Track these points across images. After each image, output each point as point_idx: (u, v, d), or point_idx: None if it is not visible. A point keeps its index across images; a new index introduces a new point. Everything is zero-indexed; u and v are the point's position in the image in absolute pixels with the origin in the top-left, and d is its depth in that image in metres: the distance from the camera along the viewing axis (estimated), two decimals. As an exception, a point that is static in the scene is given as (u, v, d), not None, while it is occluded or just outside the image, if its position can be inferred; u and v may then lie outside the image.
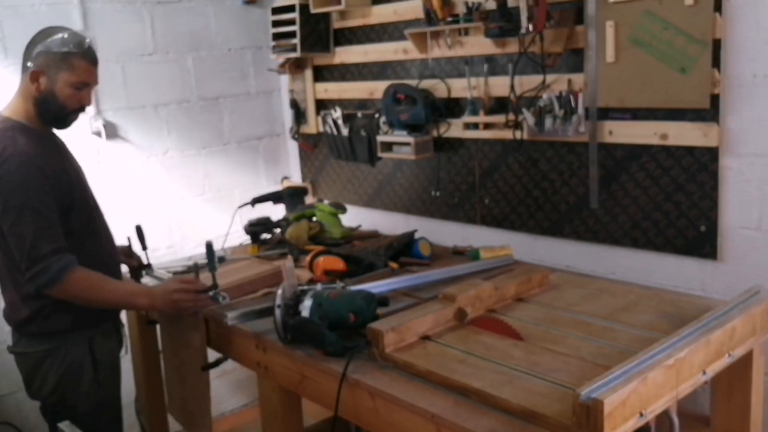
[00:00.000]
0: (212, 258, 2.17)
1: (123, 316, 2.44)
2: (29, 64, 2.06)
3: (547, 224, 2.56)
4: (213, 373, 2.31)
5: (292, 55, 3.22)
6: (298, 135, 3.55)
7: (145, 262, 2.56)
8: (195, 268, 2.24)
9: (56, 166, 2.09)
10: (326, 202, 3.26)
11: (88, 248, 2.13)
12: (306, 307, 1.89)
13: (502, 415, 1.48)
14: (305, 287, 2.01)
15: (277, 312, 1.92)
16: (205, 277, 2.17)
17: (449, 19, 2.61)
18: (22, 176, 1.98)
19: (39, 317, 2.11)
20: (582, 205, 2.43)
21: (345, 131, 3.21)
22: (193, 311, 2.20)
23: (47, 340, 2.13)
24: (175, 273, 2.60)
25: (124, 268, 2.46)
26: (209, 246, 2.18)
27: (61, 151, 2.20)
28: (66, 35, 2.06)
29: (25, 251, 1.97)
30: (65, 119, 2.13)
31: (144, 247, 2.52)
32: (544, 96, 2.40)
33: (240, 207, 3.02)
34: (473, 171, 2.77)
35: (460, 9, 2.58)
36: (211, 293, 2.17)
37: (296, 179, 3.70)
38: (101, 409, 2.22)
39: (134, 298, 2.17)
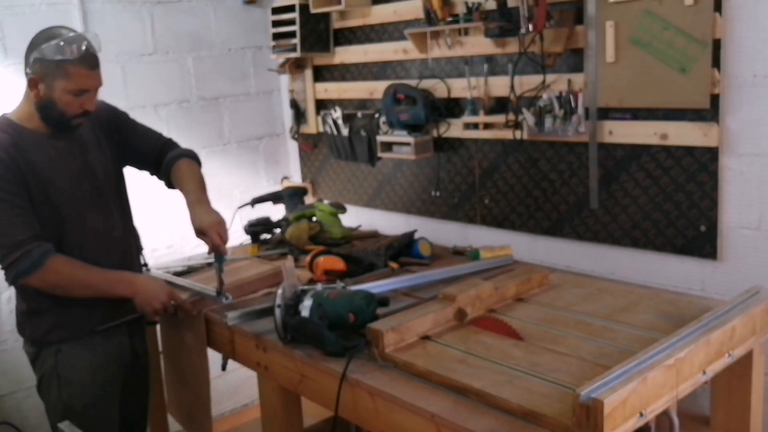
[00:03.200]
0: (220, 260, 2.17)
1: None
2: (27, 70, 2.03)
3: (547, 224, 2.56)
4: (213, 373, 2.31)
5: (292, 55, 3.22)
6: (298, 135, 3.55)
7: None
8: (219, 264, 2.19)
9: (31, 159, 2.01)
10: (326, 202, 3.26)
11: (64, 242, 2.06)
12: (306, 306, 1.89)
13: (502, 415, 1.48)
14: (305, 287, 2.01)
15: (277, 312, 1.92)
16: (208, 278, 2.17)
17: (449, 19, 2.61)
18: None
19: (25, 318, 2.15)
20: (582, 205, 2.43)
21: (345, 131, 3.21)
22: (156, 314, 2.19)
23: (30, 343, 2.18)
24: (175, 273, 2.60)
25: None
26: None
27: (61, 151, 2.11)
28: (62, 41, 1.97)
29: (1, 240, 1.94)
30: (68, 123, 2.08)
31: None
32: (544, 96, 2.40)
33: (240, 207, 3.02)
34: (473, 171, 2.77)
35: (460, 9, 2.58)
36: (215, 294, 2.19)
37: (296, 179, 3.70)
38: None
39: (116, 286, 2.10)
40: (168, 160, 2.32)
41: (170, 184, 2.35)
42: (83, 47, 1.99)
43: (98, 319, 2.16)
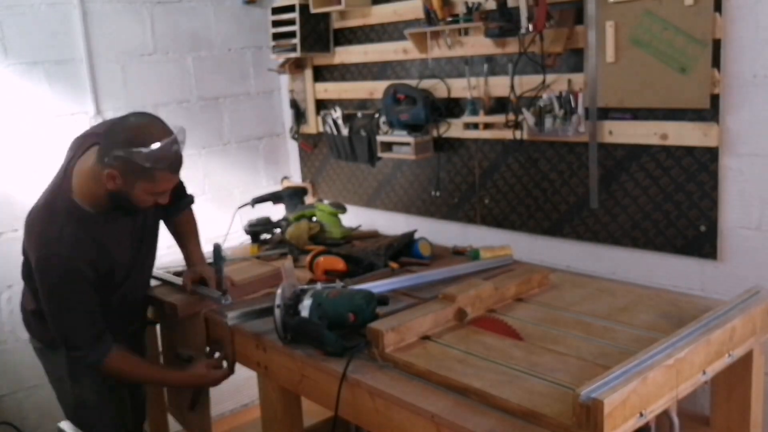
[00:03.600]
0: (220, 260, 2.17)
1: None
2: (105, 159, 1.91)
3: (547, 224, 2.56)
4: (213, 373, 2.31)
5: (292, 55, 3.22)
6: (298, 135, 3.55)
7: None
8: (218, 265, 2.23)
9: (99, 254, 2.04)
10: (326, 202, 3.26)
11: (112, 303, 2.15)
12: (305, 306, 1.89)
13: (502, 415, 1.48)
14: (305, 287, 2.01)
15: (277, 312, 1.92)
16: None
17: (449, 19, 2.61)
18: (60, 279, 1.98)
19: (33, 318, 2.21)
20: (582, 205, 2.43)
21: (345, 131, 3.21)
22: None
23: (38, 340, 2.26)
24: (175, 273, 2.59)
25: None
26: (217, 248, 2.18)
27: (117, 226, 2.10)
28: (156, 151, 1.88)
29: (65, 341, 2.07)
30: (137, 211, 2.09)
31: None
32: (544, 96, 2.39)
33: (240, 207, 3.02)
34: (473, 171, 2.77)
35: (460, 9, 2.58)
36: (215, 294, 2.19)
37: (296, 179, 3.70)
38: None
39: (168, 382, 2.37)
40: (179, 207, 2.38)
41: (167, 222, 2.42)
42: (177, 152, 1.94)
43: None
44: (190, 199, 2.43)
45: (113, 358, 2.09)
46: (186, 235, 2.42)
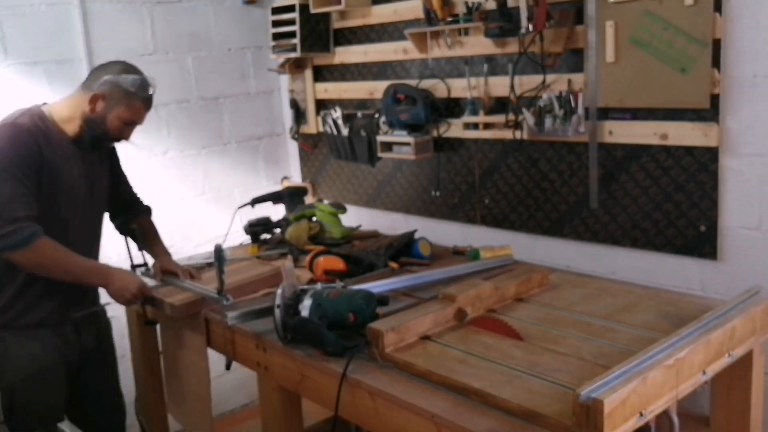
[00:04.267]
0: (221, 261, 2.17)
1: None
2: (93, 85, 2.17)
3: (547, 224, 2.56)
4: (213, 373, 2.31)
5: (292, 55, 3.22)
6: (298, 135, 3.55)
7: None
8: (218, 266, 2.22)
9: (52, 154, 2.12)
10: (326, 202, 3.26)
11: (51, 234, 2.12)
12: (306, 306, 1.89)
13: (502, 415, 1.48)
14: (305, 287, 2.01)
15: (277, 312, 1.92)
16: (208, 278, 2.17)
17: (449, 19, 2.61)
18: (9, 142, 2.06)
19: None
20: (582, 205, 2.43)
21: (345, 131, 3.21)
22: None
23: None
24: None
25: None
26: (218, 249, 2.18)
27: (79, 158, 2.23)
28: (139, 79, 2.19)
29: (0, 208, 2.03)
30: (100, 143, 2.26)
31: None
32: (544, 96, 2.40)
33: (240, 207, 3.02)
34: (473, 171, 2.77)
35: (460, 9, 2.58)
36: (216, 295, 2.19)
37: (296, 179, 3.70)
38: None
39: (92, 274, 2.21)
40: (137, 210, 2.56)
41: (123, 229, 2.53)
42: (151, 91, 2.24)
43: (47, 311, 2.20)
44: (149, 208, 2.60)
45: (44, 241, 2.06)
46: (150, 234, 2.55)
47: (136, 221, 2.53)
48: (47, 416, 2.11)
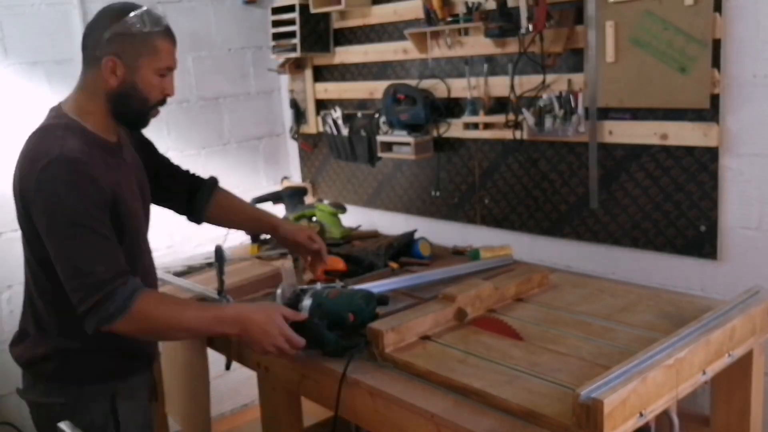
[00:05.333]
0: (221, 261, 2.17)
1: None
2: (98, 52, 1.70)
3: (547, 224, 2.56)
4: (213, 373, 2.31)
5: (292, 55, 3.22)
6: (298, 135, 3.55)
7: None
8: (219, 266, 2.17)
9: (112, 178, 1.72)
10: (326, 202, 3.26)
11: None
12: (305, 307, 1.89)
13: (502, 415, 1.48)
14: (305, 287, 2.01)
15: None
16: (208, 278, 2.16)
17: (449, 19, 2.61)
18: (69, 186, 1.60)
19: (57, 358, 1.77)
20: (582, 205, 2.43)
21: (345, 131, 3.21)
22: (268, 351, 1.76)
23: (64, 390, 1.77)
24: (175, 273, 2.60)
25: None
26: (218, 249, 2.18)
27: (123, 165, 1.82)
28: (143, 13, 1.71)
29: (80, 278, 1.60)
30: (146, 116, 1.81)
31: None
32: (544, 96, 2.40)
33: (240, 207, 3.01)
34: (473, 171, 2.77)
35: (460, 9, 2.58)
36: (216, 295, 2.19)
37: (296, 179, 3.70)
38: None
39: (219, 326, 1.73)
40: (204, 189, 2.13)
41: (199, 215, 2.13)
42: (165, 19, 1.76)
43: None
44: (214, 179, 2.15)
45: (146, 300, 1.63)
46: (240, 204, 2.13)
47: (217, 201, 2.09)
48: None
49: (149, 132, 3.12)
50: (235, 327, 1.72)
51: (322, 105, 3.39)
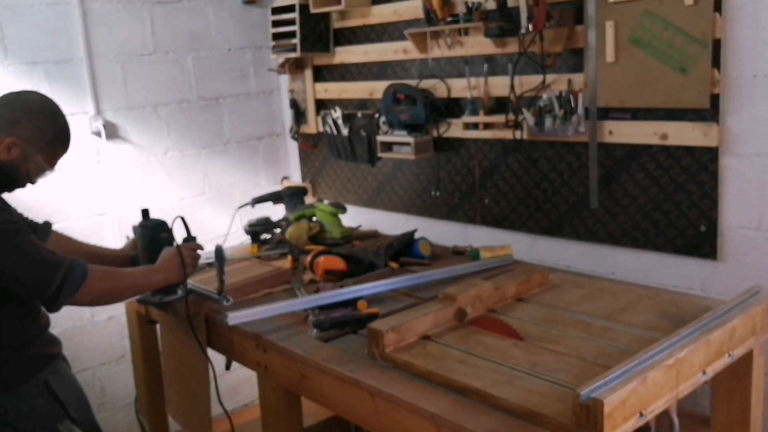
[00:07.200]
0: (221, 261, 2.17)
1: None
2: (11, 129, 1.85)
3: (547, 224, 2.56)
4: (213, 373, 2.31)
5: (292, 55, 3.22)
6: (298, 135, 3.55)
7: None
8: (219, 266, 2.23)
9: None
10: (326, 202, 3.26)
11: None
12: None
13: (502, 415, 1.48)
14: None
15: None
16: (208, 278, 2.17)
17: (449, 19, 2.61)
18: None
19: None
20: (582, 205, 2.43)
21: (345, 131, 3.21)
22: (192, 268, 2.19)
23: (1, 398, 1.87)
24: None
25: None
26: (219, 249, 2.18)
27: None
28: (64, 127, 1.93)
29: (44, 264, 1.80)
30: (17, 186, 1.95)
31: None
32: (544, 96, 2.39)
33: (240, 207, 3.02)
34: (473, 171, 2.77)
35: (460, 9, 2.58)
36: (216, 295, 2.19)
37: (296, 179, 3.70)
38: None
39: (151, 275, 2.12)
40: (43, 228, 2.18)
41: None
42: (69, 130, 1.97)
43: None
44: (48, 223, 2.21)
45: (94, 267, 1.89)
46: (77, 243, 2.27)
47: (53, 239, 2.16)
48: None
49: (149, 132, 3.12)
50: (159, 274, 2.12)
51: (322, 105, 3.39)
